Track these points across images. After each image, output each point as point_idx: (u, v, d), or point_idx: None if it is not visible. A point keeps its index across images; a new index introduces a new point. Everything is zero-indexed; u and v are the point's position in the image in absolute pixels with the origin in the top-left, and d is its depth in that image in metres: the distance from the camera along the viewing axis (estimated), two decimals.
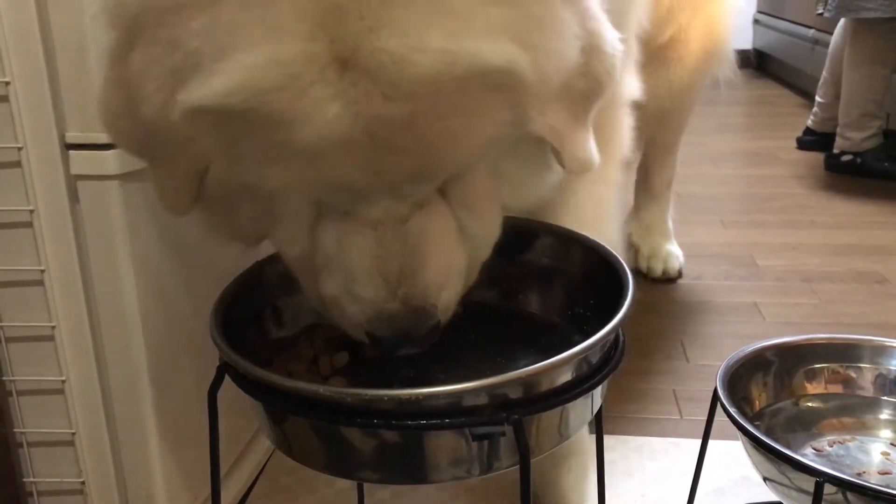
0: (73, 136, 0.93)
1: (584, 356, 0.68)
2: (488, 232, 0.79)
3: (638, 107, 1.10)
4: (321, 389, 0.64)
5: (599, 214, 1.05)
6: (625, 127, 1.07)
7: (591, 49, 0.71)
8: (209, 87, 0.60)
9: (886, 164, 2.96)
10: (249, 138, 0.63)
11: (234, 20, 0.60)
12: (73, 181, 0.95)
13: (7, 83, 0.91)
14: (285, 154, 0.62)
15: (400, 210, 0.69)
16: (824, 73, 3.35)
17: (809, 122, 3.42)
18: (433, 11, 0.59)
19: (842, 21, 3.14)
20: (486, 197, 0.77)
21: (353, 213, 0.70)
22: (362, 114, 0.59)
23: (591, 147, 0.77)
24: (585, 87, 0.73)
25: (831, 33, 3.33)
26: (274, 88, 0.59)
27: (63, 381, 1.02)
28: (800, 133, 3.44)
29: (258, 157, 0.64)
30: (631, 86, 1.09)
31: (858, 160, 3.00)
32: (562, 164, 0.76)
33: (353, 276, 0.71)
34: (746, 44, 5.22)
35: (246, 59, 0.59)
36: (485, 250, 0.80)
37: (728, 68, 1.89)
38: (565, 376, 0.68)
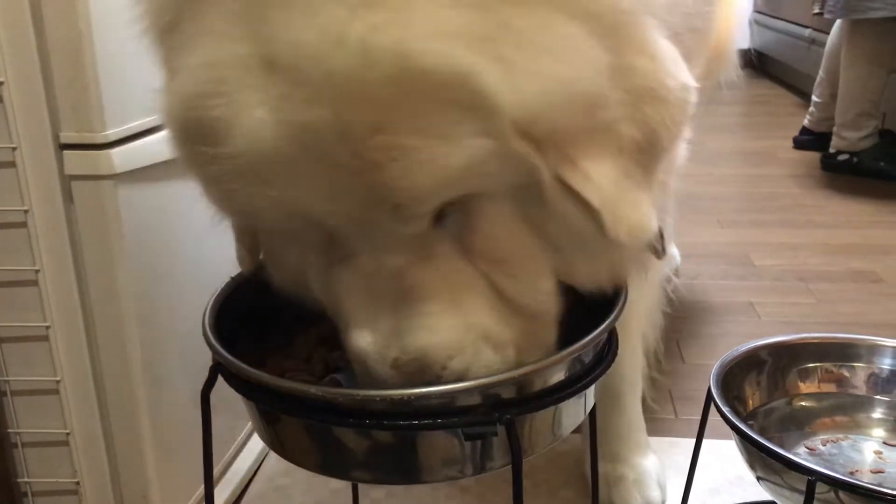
0: (67, 136, 0.93)
1: (576, 356, 0.68)
2: (531, 297, 0.66)
3: None
4: (313, 390, 0.64)
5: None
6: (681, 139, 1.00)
7: (643, 93, 0.60)
8: (162, 104, 0.58)
9: (882, 163, 2.97)
10: (209, 160, 0.58)
11: (189, 29, 0.57)
12: (67, 181, 0.95)
13: (1, 83, 0.91)
14: (235, 174, 0.57)
15: (393, 259, 0.62)
16: (821, 73, 3.35)
17: (806, 122, 3.42)
18: (353, 4, 0.51)
19: (839, 21, 3.14)
20: (524, 256, 0.65)
21: (347, 262, 0.64)
22: (286, 121, 0.53)
23: (648, 212, 0.63)
24: (638, 138, 0.61)
25: (828, 33, 3.33)
26: (206, 95, 0.55)
27: (58, 382, 1.02)
28: (796, 132, 3.45)
29: (221, 181, 0.59)
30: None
31: (855, 160, 3.01)
32: (602, 228, 0.61)
33: (345, 331, 0.65)
34: (743, 44, 5.23)
35: (186, 69, 0.56)
36: (541, 323, 0.68)
37: (732, 70, 1.89)
38: (558, 376, 0.67)
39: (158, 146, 0.65)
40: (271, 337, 0.84)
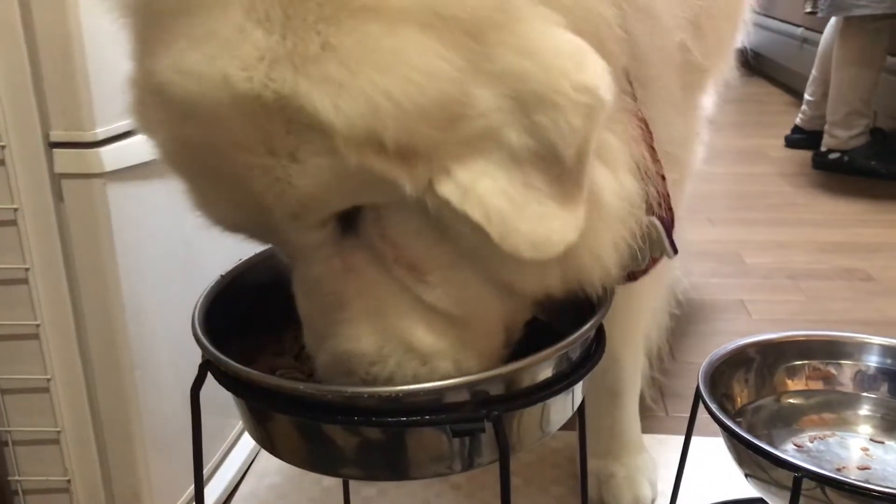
0: (56, 135, 0.93)
1: (564, 352, 0.68)
2: (451, 304, 0.65)
3: None
4: (302, 387, 0.64)
5: None
6: (699, 141, 0.97)
7: (528, 98, 0.56)
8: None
9: (873, 162, 2.98)
10: None
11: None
12: (57, 179, 0.95)
13: None
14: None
15: (313, 268, 0.65)
16: (813, 72, 3.36)
17: (798, 121, 3.44)
18: (197, 36, 0.55)
19: (832, 20, 3.15)
20: (437, 263, 0.64)
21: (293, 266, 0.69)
22: (171, 137, 0.60)
23: (558, 226, 0.60)
24: (534, 147, 0.57)
25: (820, 32, 3.35)
26: (136, 112, 0.63)
27: (48, 380, 1.02)
28: (788, 131, 3.46)
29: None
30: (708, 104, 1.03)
31: (846, 158, 3.02)
32: (497, 241, 0.59)
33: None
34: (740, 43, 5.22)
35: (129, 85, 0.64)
36: (477, 332, 0.68)
37: (731, 72, 1.89)
38: (546, 372, 0.68)
39: (148, 145, 0.66)
40: (261, 335, 0.84)
